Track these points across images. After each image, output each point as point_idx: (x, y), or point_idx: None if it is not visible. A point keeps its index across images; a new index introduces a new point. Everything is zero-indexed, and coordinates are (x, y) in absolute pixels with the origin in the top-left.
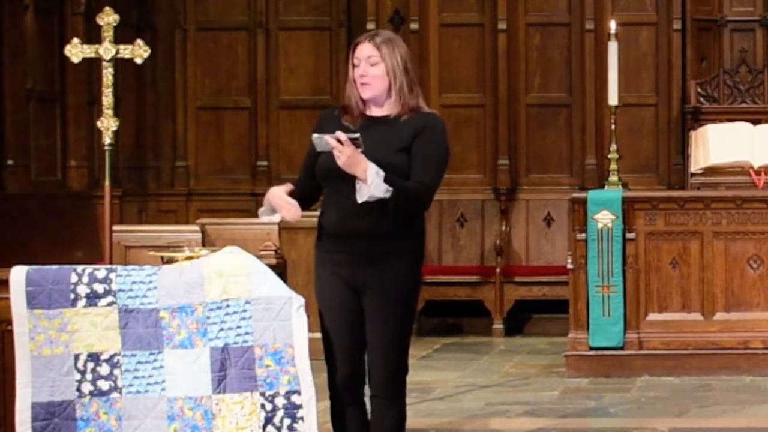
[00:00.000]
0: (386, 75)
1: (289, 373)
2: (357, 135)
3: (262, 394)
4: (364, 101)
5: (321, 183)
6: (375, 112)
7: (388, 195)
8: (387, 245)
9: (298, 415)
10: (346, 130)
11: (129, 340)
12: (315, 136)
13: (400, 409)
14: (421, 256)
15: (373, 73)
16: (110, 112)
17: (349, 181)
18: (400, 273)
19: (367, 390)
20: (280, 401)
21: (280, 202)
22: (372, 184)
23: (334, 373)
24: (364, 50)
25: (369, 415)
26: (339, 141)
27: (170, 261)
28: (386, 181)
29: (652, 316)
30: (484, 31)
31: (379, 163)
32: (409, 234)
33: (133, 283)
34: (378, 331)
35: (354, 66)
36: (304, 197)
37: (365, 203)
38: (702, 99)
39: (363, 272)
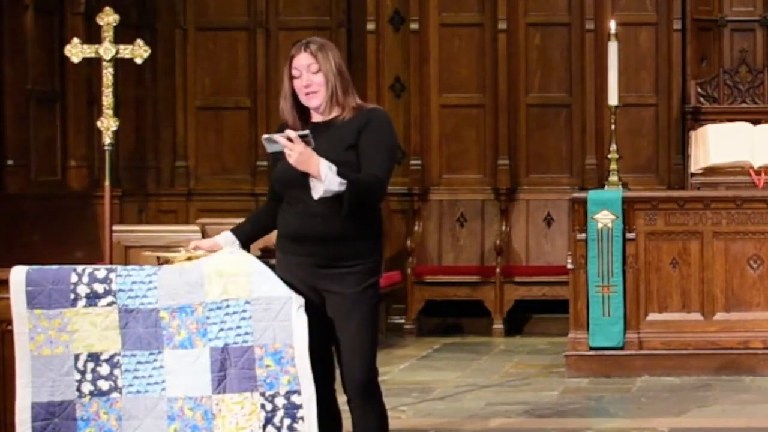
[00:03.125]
0: (326, 81)
1: (289, 373)
2: (306, 132)
3: (262, 394)
4: (299, 113)
5: (280, 193)
6: (316, 118)
7: (342, 188)
8: (344, 248)
9: (298, 415)
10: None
11: (129, 340)
12: (265, 137)
13: (380, 409)
14: (379, 257)
15: (317, 80)
16: (110, 112)
17: (305, 187)
18: (361, 275)
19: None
20: (280, 401)
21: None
22: (326, 178)
23: None
24: (303, 60)
25: (339, 414)
26: (289, 139)
27: (167, 261)
28: (339, 174)
29: (652, 316)
30: (484, 31)
31: (331, 162)
32: (367, 236)
33: (133, 283)
34: (346, 337)
35: (293, 77)
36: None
37: (322, 206)
38: (702, 99)
39: (322, 275)
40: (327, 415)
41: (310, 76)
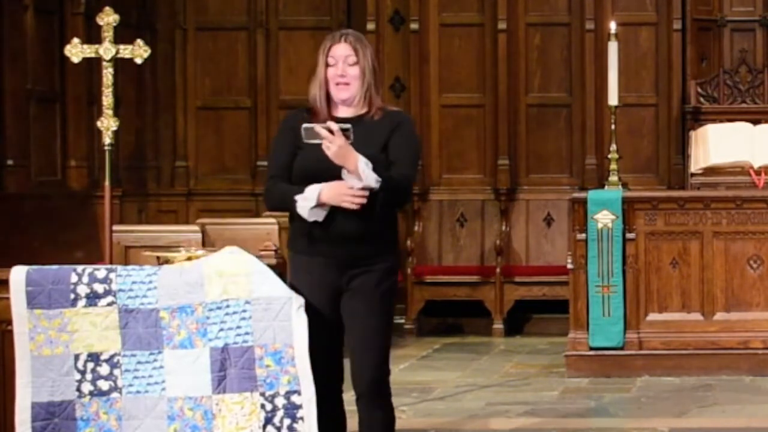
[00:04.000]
0: (362, 75)
1: (289, 373)
2: (348, 126)
3: (262, 394)
4: (328, 102)
5: (299, 184)
6: (343, 112)
7: (377, 185)
8: (372, 247)
9: (298, 415)
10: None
11: (129, 340)
12: (305, 126)
13: (388, 409)
14: (398, 257)
15: (353, 73)
16: (110, 112)
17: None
18: (382, 273)
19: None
20: (280, 401)
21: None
22: (363, 174)
23: (314, 373)
24: (342, 50)
25: (350, 417)
26: (330, 131)
27: (167, 261)
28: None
29: (652, 316)
30: (484, 31)
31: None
32: (389, 234)
33: (133, 283)
34: (362, 332)
35: (328, 66)
36: None
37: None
38: (702, 99)
39: (348, 274)
40: (332, 416)
41: (346, 67)
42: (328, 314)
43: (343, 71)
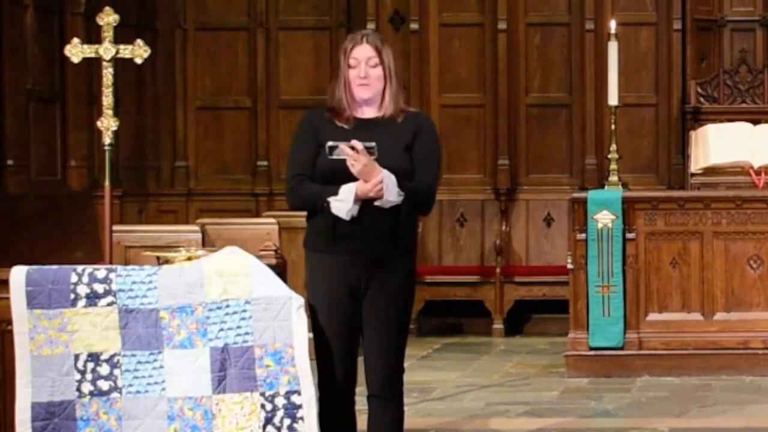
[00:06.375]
0: (384, 76)
1: (289, 373)
2: (373, 144)
3: (262, 394)
4: (350, 102)
5: (327, 182)
6: (367, 113)
7: (400, 199)
8: (393, 245)
9: (298, 415)
10: (341, 131)
11: (129, 340)
12: (330, 144)
13: (399, 409)
14: (417, 256)
15: (374, 74)
16: (110, 112)
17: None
18: (402, 273)
19: (361, 391)
20: (280, 401)
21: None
22: (386, 190)
23: (329, 374)
24: (364, 51)
25: (357, 416)
26: (353, 149)
27: (167, 261)
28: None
29: (652, 316)
30: (484, 31)
31: (389, 167)
32: (409, 233)
33: (133, 283)
34: (380, 331)
35: (350, 66)
36: None
37: (373, 204)
38: (702, 99)
39: (369, 273)
40: (344, 418)
41: (369, 69)
42: (346, 313)
43: (365, 73)
